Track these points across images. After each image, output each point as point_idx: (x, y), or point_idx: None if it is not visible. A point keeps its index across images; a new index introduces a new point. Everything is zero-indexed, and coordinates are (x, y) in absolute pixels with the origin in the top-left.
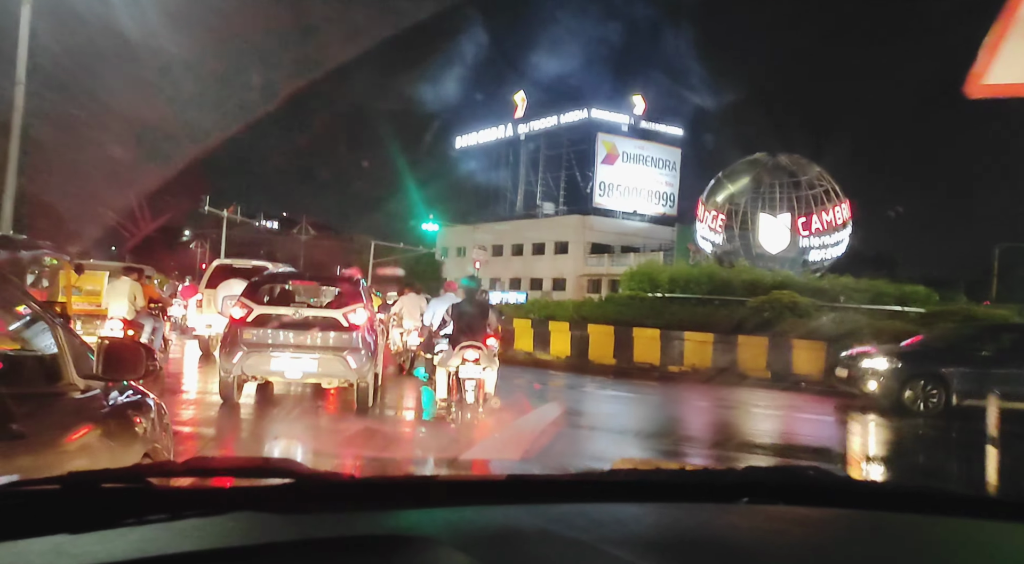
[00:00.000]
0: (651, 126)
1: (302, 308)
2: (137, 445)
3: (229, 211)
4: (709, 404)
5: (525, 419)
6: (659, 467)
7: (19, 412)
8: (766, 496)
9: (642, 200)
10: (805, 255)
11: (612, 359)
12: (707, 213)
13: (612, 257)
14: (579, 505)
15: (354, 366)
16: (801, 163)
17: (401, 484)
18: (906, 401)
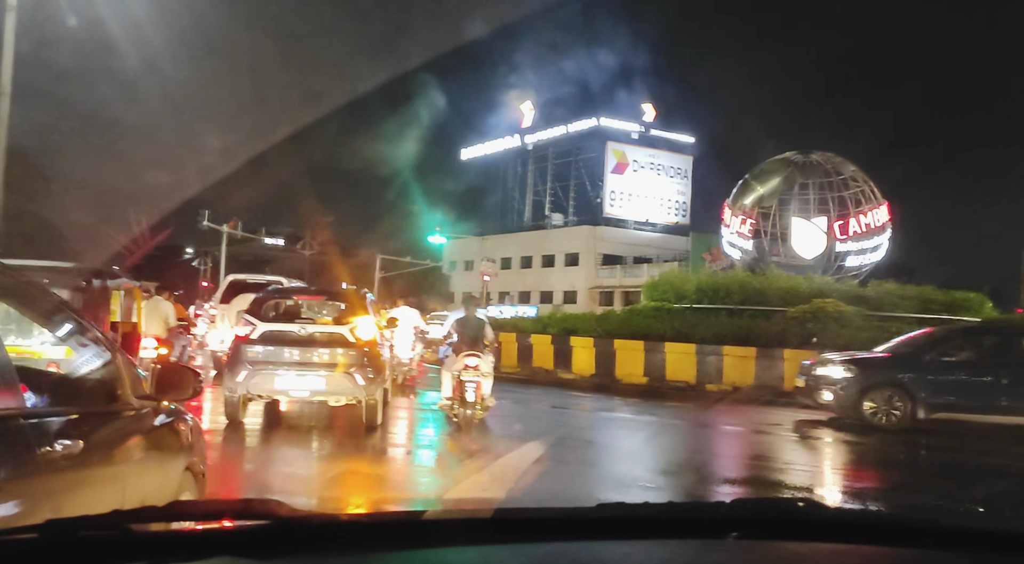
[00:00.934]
0: (662, 134)
1: (308, 324)
2: (181, 458)
3: (230, 226)
4: (758, 431)
5: (508, 457)
6: (647, 502)
7: (86, 427)
8: (755, 530)
9: (654, 209)
10: (842, 261)
11: (642, 377)
12: (734, 218)
13: (625, 268)
14: (564, 544)
15: (362, 383)
16: (836, 161)
17: (383, 524)
18: (866, 414)
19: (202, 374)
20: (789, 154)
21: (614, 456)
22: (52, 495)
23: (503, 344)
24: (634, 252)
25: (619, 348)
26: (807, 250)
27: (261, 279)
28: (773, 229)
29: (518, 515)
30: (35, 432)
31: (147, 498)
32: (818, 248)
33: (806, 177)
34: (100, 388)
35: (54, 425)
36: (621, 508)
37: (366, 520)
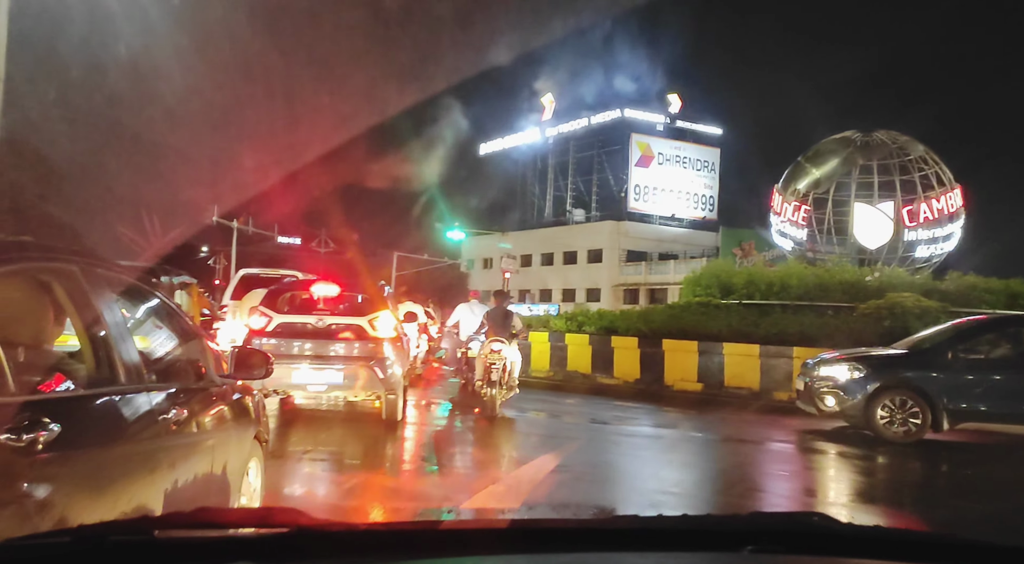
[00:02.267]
0: (688, 125)
1: (325, 316)
2: (252, 428)
3: (240, 222)
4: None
5: (525, 467)
6: (661, 514)
7: (184, 400)
8: (770, 544)
9: (680, 204)
10: (910, 251)
11: (696, 382)
12: (786, 204)
13: (650, 265)
14: (580, 555)
15: (382, 377)
16: (903, 140)
17: (402, 533)
18: (878, 424)
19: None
20: (848, 133)
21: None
22: (168, 451)
23: (532, 345)
24: (659, 248)
25: (668, 349)
26: (871, 239)
27: (274, 273)
28: (831, 216)
29: (534, 525)
30: (155, 403)
31: (229, 461)
32: (883, 237)
33: (868, 158)
34: (191, 368)
35: (165, 398)
36: (636, 520)
37: (384, 529)
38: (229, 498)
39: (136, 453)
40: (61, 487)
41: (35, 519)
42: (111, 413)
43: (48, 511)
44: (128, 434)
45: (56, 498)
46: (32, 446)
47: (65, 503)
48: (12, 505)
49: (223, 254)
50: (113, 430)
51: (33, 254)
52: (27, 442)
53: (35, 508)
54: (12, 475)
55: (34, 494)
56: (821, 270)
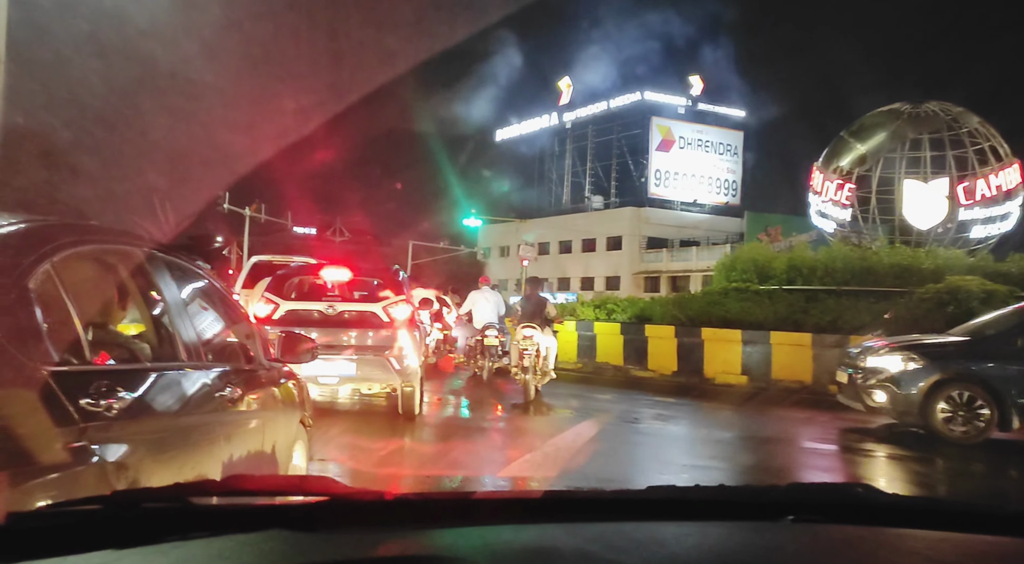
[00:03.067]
0: (710, 108)
1: (336, 302)
2: (298, 411)
3: (252, 209)
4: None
5: (563, 436)
6: (698, 485)
7: (237, 380)
8: (811, 514)
9: (702, 189)
10: (965, 232)
11: (740, 376)
12: (827, 183)
13: (671, 252)
14: (618, 524)
15: (398, 368)
16: (956, 112)
17: (437, 502)
18: (937, 422)
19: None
20: (896, 105)
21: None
22: (224, 426)
23: (558, 333)
24: (681, 235)
25: (708, 339)
26: (923, 219)
27: (287, 260)
28: (876, 195)
29: (569, 496)
30: (211, 380)
31: (277, 440)
32: (936, 216)
33: (918, 131)
34: (240, 351)
35: (220, 376)
36: (672, 490)
37: (418, 498)
38: (276, 473)
39: (196, 425)
40: (134, 450)
41: (112, 479)
42: (174, 386)
43: (123, 472)
44: (189, 407)
45: (129, 461)
46: (107, 411)
47: (137, 466)
48: (93, 465)
49: (237, 243)
50: (176, 402)
51: (100, 237)
52: (103, 407)
53: (113, 469)
54: (91, 437)
55: (110, 455)
56: (870, 252)
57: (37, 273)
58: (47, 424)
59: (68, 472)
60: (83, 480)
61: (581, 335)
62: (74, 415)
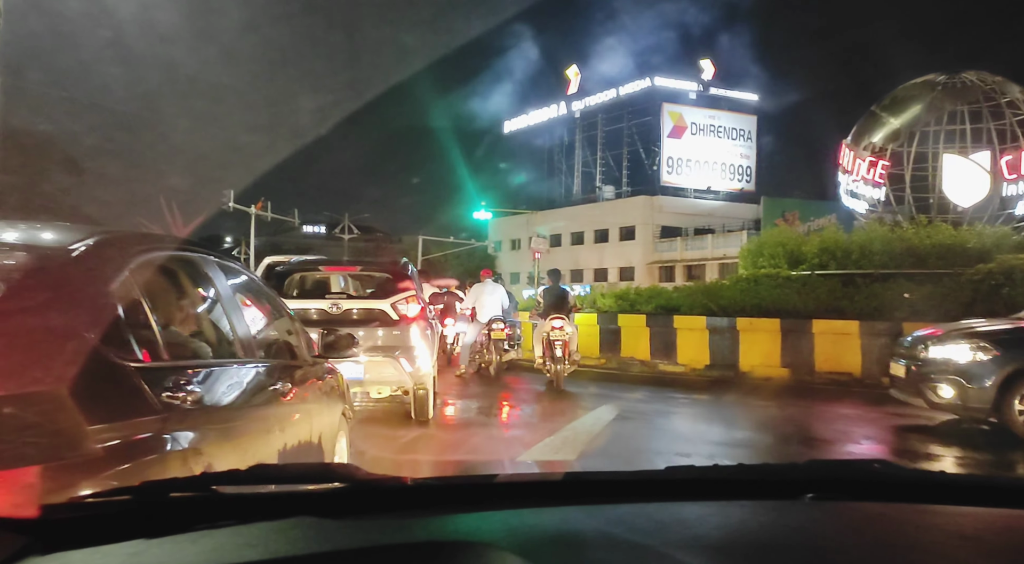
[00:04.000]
0: (722, 92)
1: (341, 300)
2: (340, 404)
3: (257, 207)
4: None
5: (582, 420)
6: (716, 464)
7: (286, 375)
8: (831, 492)
9: (716, 175)
10: (1010, 208)
11: (780, 367)
12: (859, 161)
13: (686, 240)
14: (639, 505)
15: (409, 369)
16: (996, 81)
17: (458, 487)
18: (1016, 420)
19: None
20: (931, 76)
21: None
22: (278, 418)
23: (579, 327)
24: (695, 223)
25: (743, 329)
26: (964, 196)
27: (301, 260)
28: (911, 172)
29: (589, 478)
30: (265, 375)
31: (324, 432)
32: (980, 192)
33: (956, 103)
34: (287, 347)
35: (273, 371)
36: (692, 470)
37: (441, 483)
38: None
39: (255, 416)
40: (205, 438)
41: (191, 462)
42: (235, 381)
43: (198, 457)
44: (248, 400)
45: (203, 447)
46: (183, 403)
47: (209, 452)
48: (176, 451)
49: (244, 242)
50: (237, 395)
51: (165, 245)
52: (180, 399)
53: (191, 454)
54: (171, 427)
55: (188, 443)
56: (910, 232)
57: (119, 280)
58: (136, 414)
59: (156, 456)
60: (168, 463)
61: (603, 328)
62: (158, 406)
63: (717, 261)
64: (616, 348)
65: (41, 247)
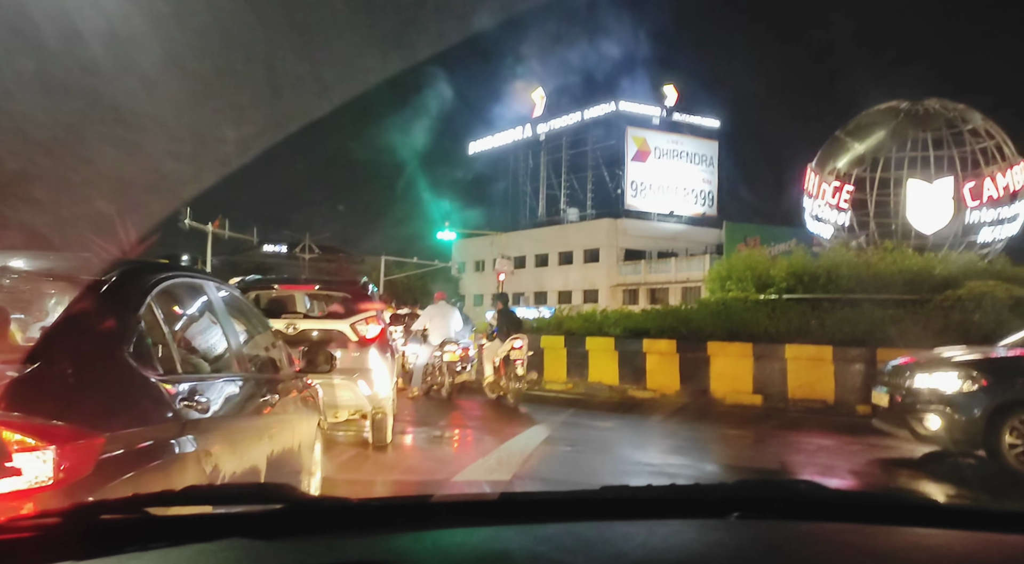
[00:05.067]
0: (685, 118)
1: (298, 320)
2: (316, 414)
3: (214, 225)
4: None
5: (515, 441)
6: (650, 485)
7: (270, 387)
8: (757, 511)
9: (679, 200)
10: (973, 235)
11: (752, 394)
12: (824, 185)
13: (650, 263)
14: (569, 524)
15: (368, 393)
16: (959, 109)
17: (393, 507)
18: (1006, 454)
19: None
20: (895, 102)
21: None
22: (267, 427)
23: (546, 351)
24: (658, 246)
25: (715, 354)
26: (928, 222)
27: (257, 278)
28: (875, 197)
29: (524, 497)
30: (257, 388)
31: (303, 440)
32: (943, 219)
33: (919, 130)
34: (271, 363)
35: (262, 384)
36: (625, 490)
37: (376, 504)
38: (302, 470)
39: (249, 425)
40: (215, 442)
41: (203, 463)
42: (235, 392)
43: (209, 458)
44: (244, 409)
45: (213, 450)
46: (199, 411)
47: (218, 455)
48: (192, 453)
49: (201, 262)
50: (236, 405)
51: (176, 273)
52: (196, 408)
53: (204, 456)
54: (189, 431)
55: (202, 446)
56: (876, 258)
57: (145, 305)
58: (162, 420)
59: (177, 456)
60: (187, 464)
61: (571, 351)
62: (179, 414)
63: (680, 284)
64: (584, 372)
65: (80, 277)
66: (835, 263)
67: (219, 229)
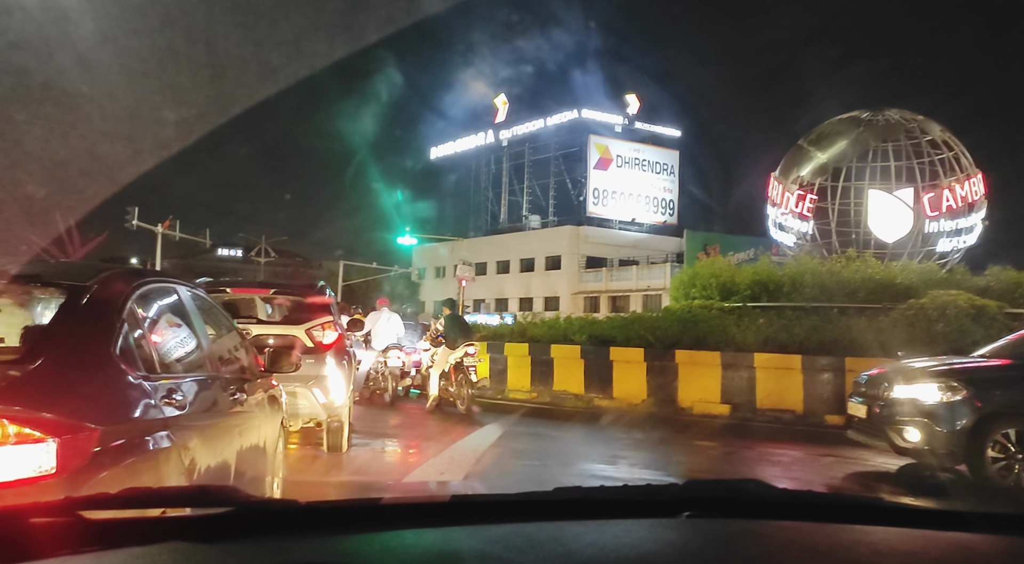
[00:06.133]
0: (646, 127)
1: (251, 325)
2: (280, 414)
3: (164, 226)
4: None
5: (467, 440)
6: (603, 485)
7: (238, 387)
8: (707, 510)
9: (640, 208)
10: (932, 245)
11: (720, 404)
12: (787, 194)
13: (611, 271)
14: (519, 525)
15: (323, 401)
16: (919, 120)
17: (342, 509)
18: (989, 468)
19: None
20: (856, 112)
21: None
22: (236, 424)
23: (510, 358)
24: (619, 254)
25: (683, 363)
26: (889, 231)
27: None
28: (838, 206)
29: (475, 499)
30: (227, 387)
31: (267, 438)
32: (903, 229)
33: (879, 140)
34: (238, 363)
35: (232, 384)
36: (577, 491)
37: (324, 506)
38: (267, 467)
39: (221, 422)
40: (193, 438)
41: (183, 457)
42: (210, 391)
43: (187, 453)
44: (216, 407)
45: (191, 445)
46: (178, 408)
47: (196, 450)
48: (173, 447)
49: (150, 265)
50: (209, 403)
51: (153, 278)
52: (175, 405)
53: (184, 451)
54: (170, 427)
55: (181, 441)
56: (838, 266)
57: (127, 308)
58: (145, 417)
59: (161, 450)
60: (169, 458)
61: (535, 359)
62: (159, 409)
63: (641, 292)
64: (548, 381)
65: (66, 283)
66: (799, 271)
67: (169, 230)
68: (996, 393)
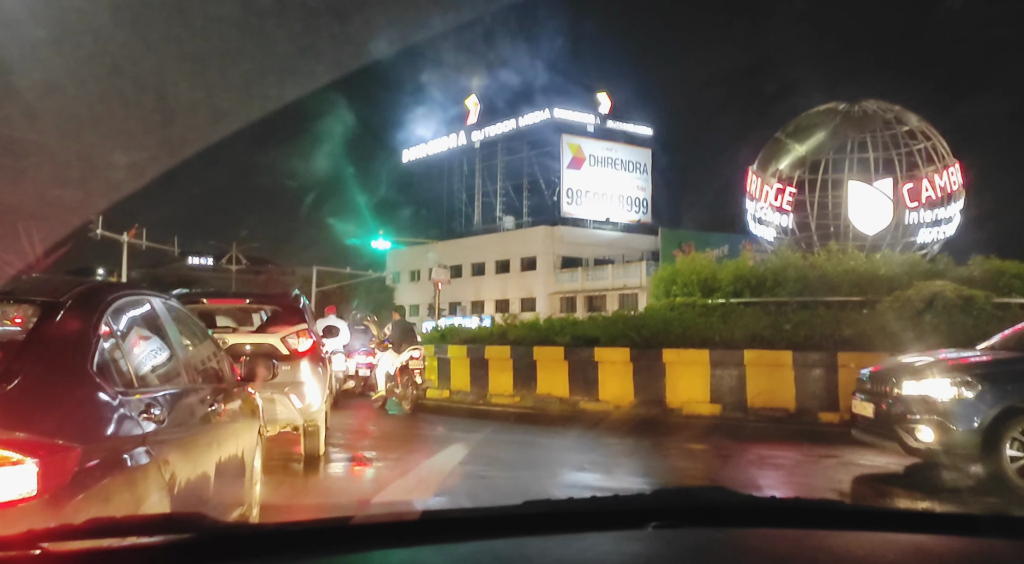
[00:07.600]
0: (619, 126)
1: (227, 334)
2: (257, 422)
3: (130, 235)
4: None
5: (435, 459)
6: (571, 497)
7: (216, 396)
8: (674, 520)
9: (614, 207)
10: (912, 236)
11: (710, 403)
12: (766, 188)
13: (586, 271)
14: (487, 542)
15: (299, 406)
16: (895, 110)
17: (310, 530)
18: (1007, 468)
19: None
20: (832, 104)
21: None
22: (215, 434)
23: (491, 362)
24: (595, 254)
25: (671, 362)
26: (869, 223)
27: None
28: (817, 199)
29: (445, 516)
30: (206, 397)
31: (246, 447)
32: (884, 220)
33: (857, 131)
34: (215, 373)
35: (210, 394)
36: (546, 504)
37: (293, 528)
38: (245, 476)
39: (200, 433)
40: (170, 449)
41: (163, 471)
42: (185, 403)
43: (167, 467)
44: (195, 419)
45: (170, 459)
46: (155, 422)
47: (175, 463)
48: (152, 462)
49: (117, 275)
50: (187, 415)
51: (127, 291)
52: (153, 419)
53: (163, 465)
54: (148, 442)
55: (160, 455)
56: (821, 259)
57: (103, 321)
58: (124, 433)
59: (141, 466)
60: (149, 473)
61: (517, 362)
62: (138, 425)
63: (617, 291)
64: (532, 384)
65: (39, 299)
66: (782, 266)
67: (136, 239)
68: (1015, 387)
